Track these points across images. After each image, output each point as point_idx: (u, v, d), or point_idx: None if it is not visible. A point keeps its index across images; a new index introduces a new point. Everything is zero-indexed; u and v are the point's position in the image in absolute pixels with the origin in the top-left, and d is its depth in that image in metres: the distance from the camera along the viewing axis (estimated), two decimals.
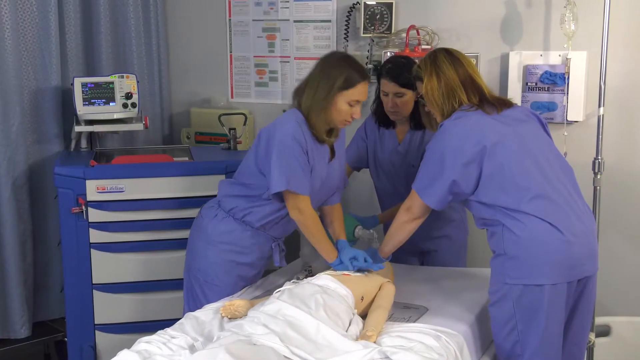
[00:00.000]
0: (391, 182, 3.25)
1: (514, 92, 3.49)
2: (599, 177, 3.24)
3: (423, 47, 3.61)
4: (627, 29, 3.33)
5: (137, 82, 3.71)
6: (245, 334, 2.21)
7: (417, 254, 3.33)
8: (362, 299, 2.55)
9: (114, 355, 2.23)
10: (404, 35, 3.68)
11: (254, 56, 4.20)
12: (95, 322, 3.42)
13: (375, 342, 2.30)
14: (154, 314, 3.43)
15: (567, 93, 3.39)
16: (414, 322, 2.56)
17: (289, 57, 4.11)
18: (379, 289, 2.65)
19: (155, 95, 4.24)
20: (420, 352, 2.25)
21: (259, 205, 2.80)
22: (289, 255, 3.11)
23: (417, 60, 2.87)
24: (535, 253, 2.42)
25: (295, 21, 4.05)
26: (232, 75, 4.27)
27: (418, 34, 3.65)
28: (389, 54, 3.69)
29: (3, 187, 3.53)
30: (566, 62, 3.37)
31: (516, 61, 3.51)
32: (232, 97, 4.29)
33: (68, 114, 3.78)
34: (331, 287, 2.49)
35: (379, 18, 3.73)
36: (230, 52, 4.26)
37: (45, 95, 3.72)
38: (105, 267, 3.38)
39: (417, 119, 3.05)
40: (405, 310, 2.67)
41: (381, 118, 3.22)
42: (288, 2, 4.04)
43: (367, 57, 3.78)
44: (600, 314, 3.36)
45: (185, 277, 2.99)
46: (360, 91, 2.69)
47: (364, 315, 2.51)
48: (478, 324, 2.65)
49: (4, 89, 3.52)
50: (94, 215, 3.33)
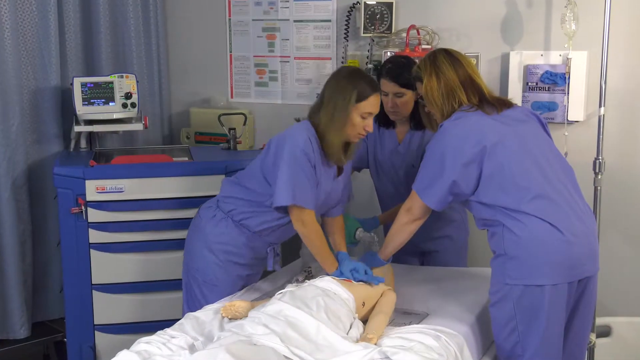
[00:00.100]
0: (391, 182, 3.25)
1: (515, 92, 3.48)
2: (599, 177, 3.23)
3: (423, 47, 3.60)
4: (628, 28, 3.33)
5: (137, 82, 3.71)
6: (245, 334, 2.21)
7: (418, 254, 3.33)
8: (363, 305, 2.54)
9: (114, 355, 2.23)
10: (404, 35, 3.67)
11: (254, 56, 4.19)
12: (95, 323, 3.41)
13: (375, 345, 2.30)
14: (154, 315, 3.43)
15: (568, 93, 3.38)
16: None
17: (289, 56, 4.10)
18: (381, 296, 2.64)
19: (155, 95, 4.23)
20: (420, 352, 2.25)
21: (259, 212, 2.80)
22: (288, 257, 3.11)
23: (417, 60, 2.86)
24: (535, 253, 2.42)
25: (295, 21, 4.05)
26: (232, 75, 4.26)
27: (418, 33, 3.64)
28: (389, 53, 3.68)
29: (2, 187, 3.53)
30: (567, 62, 3.37)
31: (517, 61, 3.50)
32: (232, 97, 4.29)
33: (67, 114, 3.77)
34: (333, 290, 2.48)
35: (379, 18, 3.72)
36: (230, 51, 4.25)
37: (44, 95, 3.72)
38: (104, 267, 3.37)
39: (417, 119, 3.04)
40: (406, 316, 2.66)
41: (381, 118, 3.22)
42: (288, 1, 4.03)
43: (367, 57, 3.77)
44: (601, 314, 3.35)
45: (184, 278, 2.99)
46: (372, 103, 2.69)
47: (364, 321, 2.50)
48: (478, 325, 2.65)
49: (3, 89, 3.52)
50: (94, 215, 3.33)
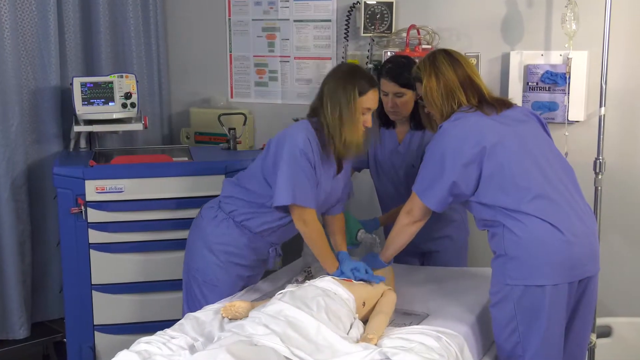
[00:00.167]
0: (391, 182, 3.24)
1: (515, 92, 3.48)
2: (600, 177, 3.23)
3: (423, 46, 3.60)
4: (629, 28, 3.32)
5: (137, 82, 3.71)
6: (245, 334, 2.21)
7: (418, 254, 3.32)
8: (363, 305, 2.54)
9: (114, 355, 2.23)
10: (404, 34, 3.67)
11: (254, 56, 4.19)
12: (95, 323, 3.41)
13: (375, 345, 2.29)
14: (154, 315, 3.42)
15: (568, 93, 3.38)
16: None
17: (289, 56, 4.10)
18: (381, 296, 2.64)
19: (155, 95, 4.23)
20: (420, 352, 2.25)
21: (259, 212, 2.80)
22: (290, 257, 3.10)
23: (417, 60, 2.86)
24: (535, 253, 2.41)
25: (295, 21, 4.04)
26: (232, 75, 4.26)
27: (418, 33, 3.64)
28: (389, 53, 3.68)
29: (2, 187, 3.52)
30: (567, 61, 3.36)
31: (517, 61, 3.50)
32: (231, 97, 4.28)
33: (67, 114, 3.77)
34: (333, 290, 2.48)
35: (379, 17, 3.72)
36: (230, 51, 4.25)
37: (44, 95, 3.71)
38: (104, 267, 3.37)
39: (417, 119, 3.04)
40: (406, 316, 2.65)
41: (381, 118, 3.21)
42: (288, 1, 4.03)
43: (367, 57, 3.77)
44: (602, 314, 3.35)
45: (184, 278, 2.98)
46: (370, 99, 2.70)
47: (365, 321, 2.50)
48: (479, 325, 2.64)
49: (3, 89, 3.52)
50: (93, 215, 3.32)
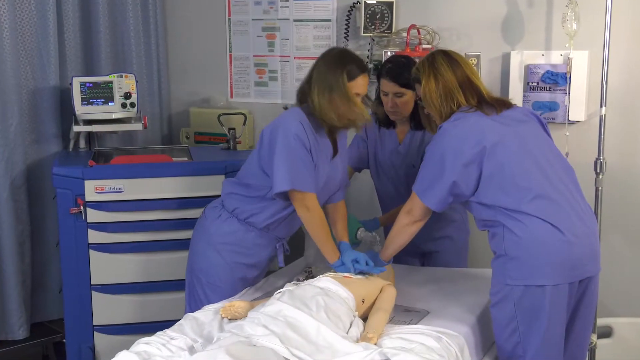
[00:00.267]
0: (392, 182, 3.24)
1: (515, 92, 3.47)
2: (600, 177, 3.22)
3: (424, 46, 3.60)
4: (629, 28, 3.32)
5: (136, 81, 3.71)
6: (245, 335, 2.20)
7: (418, 255, 3.32)
8: (363, 302, 2.54)
9: (113, 356, 2.22)
10: (404, 34, 3.66)
11: (254, 55, 4.18)
12: (94, 323, 3.40)
13: (375, 344, 2.29)
14: (153, 315, 3.42)
15: (569, 93, 3.37)
16: (415, 325, 2.54)
17: (289, 56, 4.09)
18: (380, 292, 2.63)
19: (154, 95, 4.22)
20: (421, 353, 2.24)
21: (262, 206, 2.79)
22: (292, 256, 3.10)
23: (417, 60, 2.85)
24: (536, 254, 2.41)
25: (295, 20, 4.04)
26: (232, 74, 4.25)
27: (419, 33, 3.63)
28: (389, 53, 3.68)
29: (1, 187, 3.52)
30: (568, 61, 3.36)
31: (517, 61, 3.49)
32: (231, 97, 4.28)
33: (66, 114, 3.76)
34: (332, 289, 2.47)
35: (380, 17, 3.71)
36: (230, 51, 4.24)
37: (43, 95, 3.71)
38: (104, 267, 3.36)
39: (418, 119, 3.03)
40: (406, 313, 2.66)
41: (382, 118, 3.21)
42: (288, 1, 4.02)
43: (368, 57, 3.76)
44: (602, 315, 3.34)
45: (187, 278, 2.97)
46: (360, 84, 2.69)
47: (364, 318, 2.50)
48: (479, 325, 2.64)
49: (2, 89, 3.51)
50: (93, 215, 3.31)
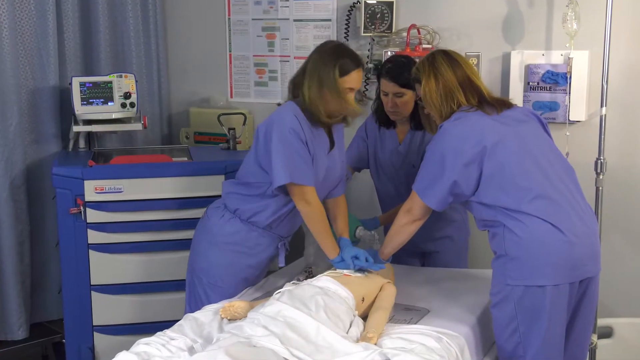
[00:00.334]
0: (392, 182, 3.23)
1: (516, 92, 3.47)
2: (601, 177, 3.22)
3: (424, 46, 3.59)
4: (630, 28, 3.31)
5: (136, 81, 3.70)
6: (244, 335, 2.20)
7: (418, 255, 3.31)
8: (362, 300, 2.54)
9: (113, 356, 2.22)
10: (404, 34, 3.66)
11: (254, 55, 4.18)
12: (94, 324, 3.40)
13: (376, 344, 2.29)
14: (153, 316, 3.41)
15: (569, 93, 3.37)
16: (415, 324, 2.54)
17: (289, 56, 4.09)
18: (380, 290, 2.63)
19: (154, 95, 4.22)
20: (421, 353, 2.24)
21: (264, 205, 2.78)
22: (292, 256, 3.09)
23: (417, 60, 2.85)
24: (536, 254, 2.41)
25: (295, 20, 4.03)
26: (232, 74, 4.25)
27: (419, 33, 3.63)
28: (389, 53, 3.67)
29: (1, 187, 3.51)
30: (568, 61, 3.35)
31: (518, 60, 3.49)
32: (231, 97, 4.27)
33: (66, 114, 3.76)
34: (332, 288, 2.47)
35: (380, 17, 3.71)
36: (230, 51, 4.24)
37: (43, 95, 3.70)
38: (103, 268, 3.36)
39: (418, 119, 3.03)
40: (407, 312, 2.66)
41: (381, 118, 3.21)
42: (288, 0, 4.02)
43: (368, 57, 3.76)
44: (603, 315, 3.34)
45: (187, 278, 2.96)
46: (354, 78, 2.68)
47: (364, 316, 2.50)
48: (480, 326, 2.64)
49: (1, 89, 3.51)
50: (92, 215, 3.31)
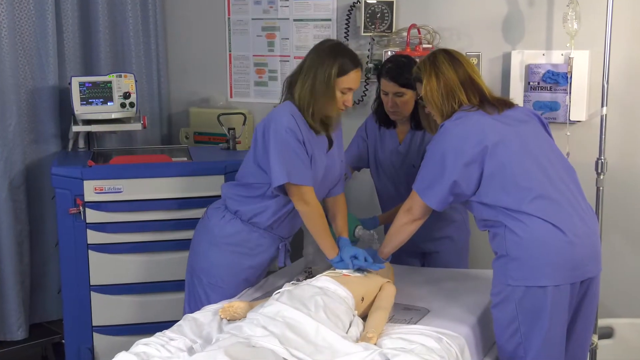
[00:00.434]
0: (392, 182, 3.23)
1: (516, 92, 3.47)
2: (601, 177, 3.22)
3: (424, 46, 3.59)
4: (630, 27, 3.31)
5: (136, 81, 3.70)
6: (244, 336, 2.20)
7: (419, 255, 3.31)
8: (362, 300, 2.53)
9: (112, 357, 2.22)
10: (404, 34, 3.65)
11: (254, 55, 4.18)
12: (93, 324, 3.39)
13: (375, 344, 2.28)
14: (153, 316, 3.41)
15: (570, 92, 3.37)
16: (415, 323, 2.54)
17: (289, 56, 4.08)
18: (380, 290, 2.63)
19: (154, 95, 4.22)
20: (421, 354, 2.23)
21: (264, 205, 2.78)
22: (292, 256, 3.09)
23: (417, 60, 2.84)
24: (537, 254, 2.40)
25: (295, 20, 4.03)
26: (232, 74, 4.25)
27: (419, 33, 3.62)
28: (389, 53, 3.67)
29: (0, 187, 3.51)
30: (569, 61, 3.35)
31: (518, 60, 3.48)
32: (231, 97, 4.27)
33: (65, 114, 3.76)
34: (331, 288, 2.47)
35: (380, 17, 3.70)
36: (230, 51, 4.24)
37: (42, 95, 3.70)
38: (103, 268, 3.35)
39: (418, 119, 3.03)
40: (406, 311, 2.66)
41: (382, 118, 3.20)
42: (288, 0, 4.01)
43: (368, 57, 3.76)
44: (603, 315, 3.34)
45: (187, 278, 2.96)
46: (352, 79, 2.68)
47: (364, 316, 2.50)
48: (480, 326, 2.63)
49: (0, 89, 3.50)
50: (92, 216, 3.30)
